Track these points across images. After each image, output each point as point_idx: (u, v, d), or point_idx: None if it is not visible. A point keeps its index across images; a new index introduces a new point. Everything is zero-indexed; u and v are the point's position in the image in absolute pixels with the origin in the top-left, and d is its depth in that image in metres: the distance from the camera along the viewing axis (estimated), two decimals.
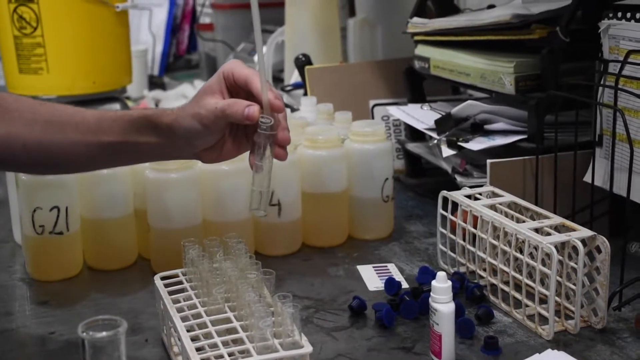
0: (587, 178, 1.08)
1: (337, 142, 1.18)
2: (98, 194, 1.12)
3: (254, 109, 0.84)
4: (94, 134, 0.92)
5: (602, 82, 1.05)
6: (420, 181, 1.46)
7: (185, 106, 0.89)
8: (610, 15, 1.04)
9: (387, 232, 1.24)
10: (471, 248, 1.03)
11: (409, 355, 0.88)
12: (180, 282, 0.92)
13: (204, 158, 0.92)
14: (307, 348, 0.76)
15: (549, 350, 0.85)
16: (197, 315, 0.84)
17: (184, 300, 0.88)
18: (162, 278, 0.92)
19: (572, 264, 0.90)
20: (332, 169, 1.18)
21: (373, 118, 1.53)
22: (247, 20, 2.38)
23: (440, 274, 0.85)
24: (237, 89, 0.88)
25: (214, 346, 0.79)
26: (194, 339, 0.79)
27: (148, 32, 2.56)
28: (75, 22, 1.70)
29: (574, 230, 0.92)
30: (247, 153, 0.91)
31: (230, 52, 2.34)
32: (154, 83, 2.40)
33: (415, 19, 1.41)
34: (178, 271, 0.94)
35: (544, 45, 1.14)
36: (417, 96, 1.46)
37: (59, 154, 0.93)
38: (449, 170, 1.26)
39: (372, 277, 1.08)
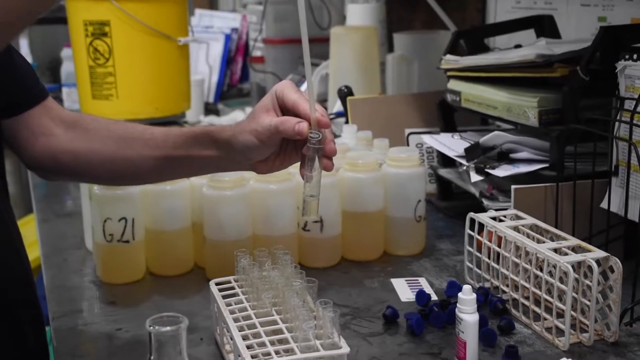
0: (604, 204, 1.07)
1: (375, 166, 1.19)
2: (160, 208, 1.13)
3: (303, 126, 0.84)
4: (161, 149, 0.94)
5: (618, 118, 1.05)
6: (451, 204, 1.44)
7: (243, 123, 0.90)
8: (627, 57, 1.04)
9: (419, 249, 1.23)
10: (495, 265, 1.03)
11: None
12: (233, 288, 0.93)
13: (258, 169, 0.92)
14: (345, 349, 0.77)
15: (564, 359, 0.85)
16: (247, 318, 0.86)
17: (236, 304, 0.89)
18: (217, 284, 0.93)
19: (587, 282, 0.91)
20: (369, 191, 1.18)
21: (408, 145, 1.53)
22: (295, 54, 2.39)
23: (466, 287, 0.86)
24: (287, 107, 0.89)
25: (262, 345, 0.80)
26: (244, 338, 0.81)
27: (205, 64, 2.57)
28: (142, 54, 1.73)
29: (589, 251, 0.92)
30: (292, 169, 0.92)
31: (278, 82, 2.33)
32: (210, 109, 2.40)
33: (449, 56, 1.40)
34: (230, 278, 0.95)
35: (565, 82, 1.14)
36: (449, 126, 1.46)
37: (131, 166, 0.96)
38: (477, 194, 1.26)
39: (404, 289, 1.09)
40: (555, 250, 0.94)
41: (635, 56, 1.03)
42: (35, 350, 0.93)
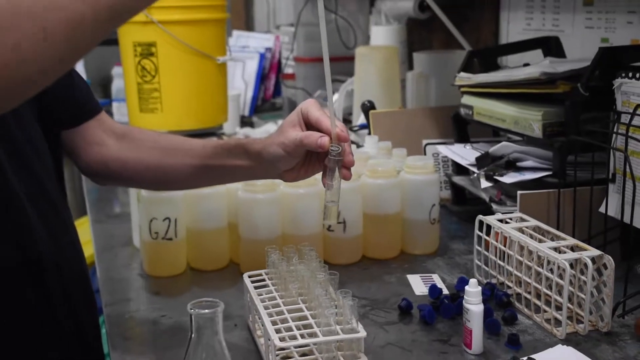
0: (602, 209, 1.09)
1: (394, 173, 1.21)
2: (200, 209, 1.16)
3: (325, 140, 0.87)
4: (200, 158, 0.97)
5: (615, 130, 1.06)
6: (464, 208, 1.45)
7: (272, 136, 0.92)
8: (623, 75, 1.05)
9: (433, 248, 1.25)
10: (501, 263, 1.05)
11: (446, 346, 0.91)
12: (263, 280, 0.96)
13: (284, 177, 0.94)
14: (362, 333, 0.81)
15: (559, 345, 0.88)
16: (276, 306, 0.89)
17: (266, 294, 0.93)
18: (249, 276, 0.97)
19: (583, 277, 0.92)
20: (388, 195, 1.20)
21: (425, 154, 1.53)
22: (323, 72, 2.41)
23: (472, 281, 0.89)
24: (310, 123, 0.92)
25: (289, 329, 0.84)
26: (273, 324, 0.84)
27: (241, 80, 2.59)
28: (185, 72, 1.76)
29: (585, 250, 0.95)
30: (318, 176, 0.94)
31: (308, 97, 2.35)
32: (245, 122, 2.40)
33: (462, 74, 1.42)
34: (262, 271, 0.98)
35: (567, 98, 1.15)
36: (462, 137, 1.47)
37: (173, 173, 1.00)
38: (487, 199, 1.27)
39: (418, 284, 1.11)
40: (555, 249, 0.96)
41: (630, 74, 1.05)
42: (89, 333, 0.98)
